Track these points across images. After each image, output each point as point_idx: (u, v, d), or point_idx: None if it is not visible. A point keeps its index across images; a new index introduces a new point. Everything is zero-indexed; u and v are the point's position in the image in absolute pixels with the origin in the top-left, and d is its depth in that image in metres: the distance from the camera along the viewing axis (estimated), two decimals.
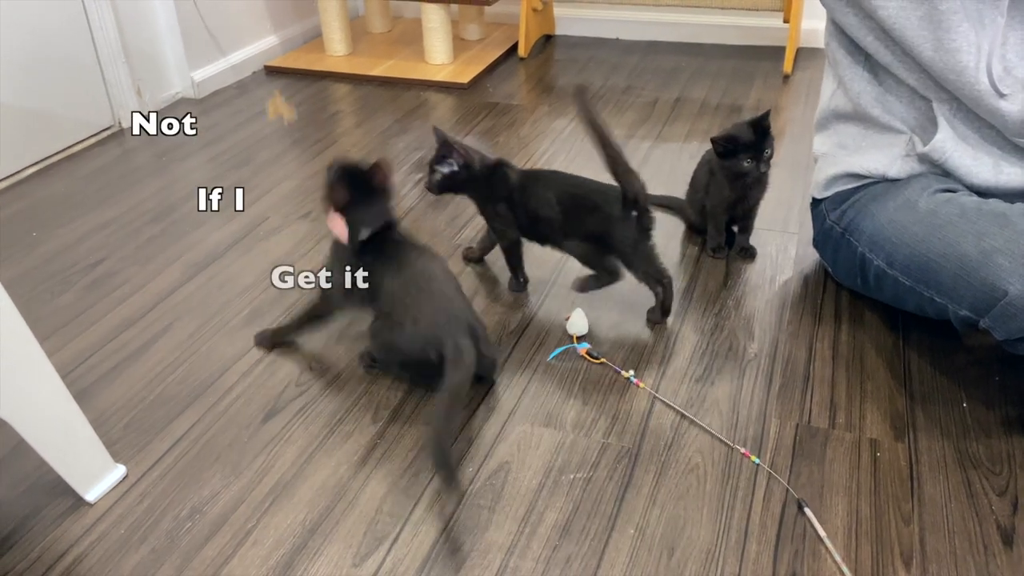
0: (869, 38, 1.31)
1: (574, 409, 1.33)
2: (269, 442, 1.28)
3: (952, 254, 1.19)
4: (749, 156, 1.57)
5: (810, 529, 1.11)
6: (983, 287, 1.13)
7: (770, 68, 2.82)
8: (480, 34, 3.12)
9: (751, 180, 1.60)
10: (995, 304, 1.12)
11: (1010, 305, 1.10)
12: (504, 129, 2.41)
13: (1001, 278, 1.10)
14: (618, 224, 1.44)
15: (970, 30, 1.21)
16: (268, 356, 1.46)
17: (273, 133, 2.41)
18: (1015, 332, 1.15)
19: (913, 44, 1.23)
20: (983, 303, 1.15)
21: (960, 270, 1.17)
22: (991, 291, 1.12)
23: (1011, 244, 1.10)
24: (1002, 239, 1.11)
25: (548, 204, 1.49)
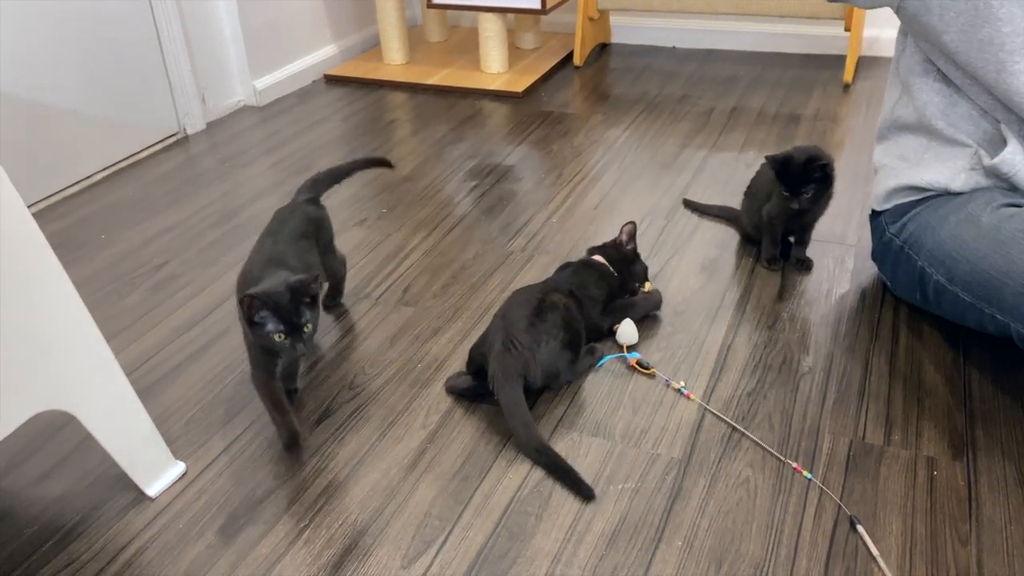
0: (941, 61, 1.29)
1: (623, 419, 1.32)
2: (323, 443, 1.30)
3: (1015, 271, 1.15)
4: (787, 188, 1.57)
5: (862, 547, 1.09)
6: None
7: (830, 77, 2.78)
8: (536, 43, 3.14)
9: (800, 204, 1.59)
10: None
11: None
12: (558, 138, 2.42)
13: None
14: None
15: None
16: (323, 359, 1.49)
17: (331, 141, 2.46)
18: None
19: (976, 67, 1.21)
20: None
21: (1023, 287, 1.14)
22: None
23: None
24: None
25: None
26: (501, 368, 1.27)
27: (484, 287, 1.68)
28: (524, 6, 2.75)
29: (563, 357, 1.34)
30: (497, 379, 1.27)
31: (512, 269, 1.75)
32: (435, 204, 2.05)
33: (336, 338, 1.55)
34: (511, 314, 1.34)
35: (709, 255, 1.78)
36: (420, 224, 1.95)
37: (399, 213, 2.01)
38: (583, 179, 2.15)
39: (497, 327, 1.34)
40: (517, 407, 1.26)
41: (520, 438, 1.25)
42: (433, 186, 2.15)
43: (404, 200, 2.08)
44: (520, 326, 1.31)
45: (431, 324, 1.57)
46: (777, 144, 2.30)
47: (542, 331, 1.31)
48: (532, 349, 1.29)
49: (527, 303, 1.35)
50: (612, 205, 2.01)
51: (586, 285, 1.46)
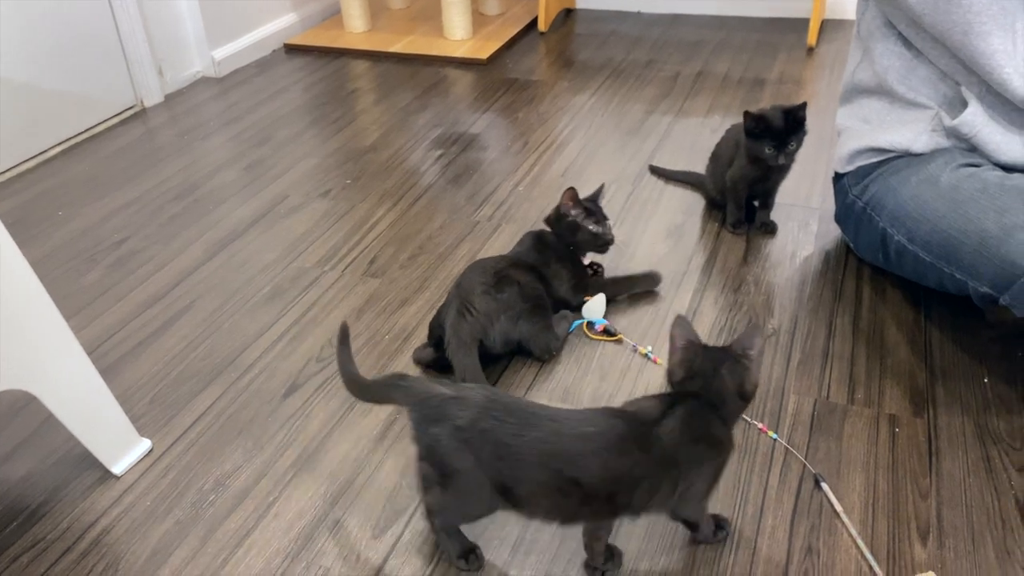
0: (902, 24, 1.29)
1: (591, 385, 1.33)
2: (290, 417, 1.30)
3: (973, 230, 1.17)
4: (773, 144, 1.56)
5: (827, 504, 1.11)
6: (1003, 264, 1.12)
7: (794, 41, 2.78)
8: (500, 9, 3.10)
9: (772, 165, 1.59)
10: (1015, 280, 1.11)
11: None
12: (524, 105, 2.40)
13: (1022, 255, 1.08)
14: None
15: (1000, 13, 1.19)
16: (289, 332, 1.48)
17: (293, 112, 2.42)
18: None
19: (943, 29, 1.21)
20: (1003, 280, 1.14)
21: (981, 246, 1.16)
22: (1011, 268, 1.10)
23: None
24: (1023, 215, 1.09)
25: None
26: (455, 334, 1.28)
27: (451, 257, 1.67)
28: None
29: (527, 326, 1.33)
30: (451, 345, 1.27)
31: (479, 238, 1.74)
32: (400, 174, 2.03)
33: (302, 310, 1.53)
34: (466, 282, 1.34)
35: (675, 220, 1.78)
36: (386, 194, 1.93)
37: (364, 183, 1.99)
38: (549, 146, 2.14)
39: (452, 295, 1.34)
40: (470, 371, 1.26)
41: None
42: (398, 156, 2.12)
43: (369, 170, 2.05)
44: (476, 291, 1.32)
45: (398, 295, 1.56)
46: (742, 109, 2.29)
47: (500, 301, 1.31)
48: (488, 315, 1.30)
49: (483, 272, 1.35)
50: (579, 172, 2.00)
51: (546, 260, 1.45)
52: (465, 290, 1.33)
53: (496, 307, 1.31)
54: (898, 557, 1.03)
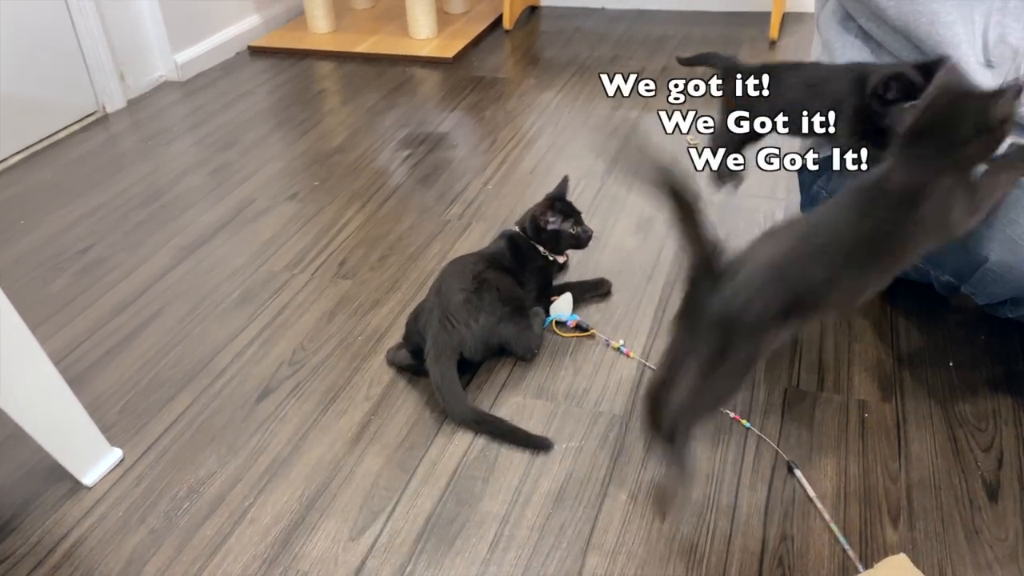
0: (862, 17, 1.30)
1: (565, 381, 1.34)
2: (264, 421, 1.29)
3: None
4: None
5: (800, 490, 1.12)
6: (963, 253, 1.14)
7: (757, 34, 2.81)
8: (464, 7, 3.10)
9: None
10: (975, 270, 1.13)
11: (989, 271, 1.11)
12: (491, 103, 2.40)
13: (981, 244, 1.10)
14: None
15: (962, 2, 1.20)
16: (260, 337, 1.47)
17: (259, 114, 2.40)
18: (995, 297, 1.16)
19: (908, 19, 1.22)
20: (964, 269, 1.16)
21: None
22: (972, 258, 1.12)
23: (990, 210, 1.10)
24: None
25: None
26: (434, 346, 1.27)
27: (422, 257, 1.67)
28: None
29: (510, 328, 1.33)
30: (430, 356, 1.27)
31: (450, 238, 1.74)
32: (369, 175, 2.02)
33: (273, 314, 1.52)
34: (446, 288, 1.33)
35: (644, 214, 1.79)
36: (354, 195, 1.92)
37: (332, 185, 1.98)
38: (517, 144, 2.15)
39: (433, 303, 1.33)
40: (448, 384, 1.25)
41: (455, 415, 1.24)
42: (366, 156, 2.12)
43: (336, 172, 2.04)
44: (457, 300, 1.30)
45: (369, 296, 1.56)
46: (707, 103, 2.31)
47: (480, 307, 1.31)
48: (469, 325, 1.29)
49: (462, 276, 1.34)
50: (547, 169, 2.01)
51: (521, 264, 1.44)
52: (446, 297, 1.32)
53: (477, 317, 1.30)
54: (870, 540, 1.05)
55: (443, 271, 1.39)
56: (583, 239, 1.48)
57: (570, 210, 1.48)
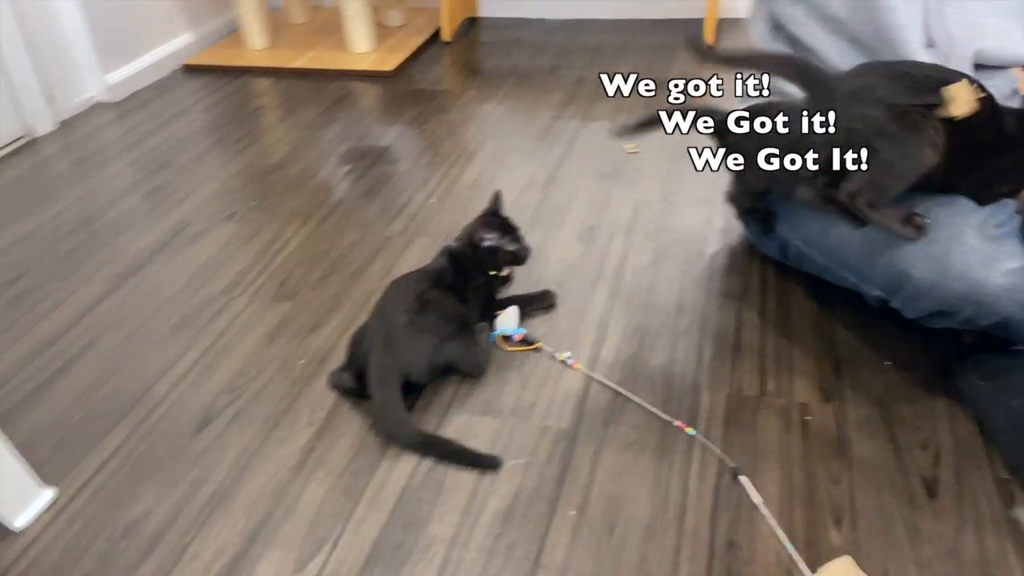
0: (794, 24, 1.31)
1: (512, 396, 1.33)
2: (203, 452, 1.25)
3: (857, 235, 1.21)
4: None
5: (745, 497, 1.13)
6: (890, 270, 1.16)
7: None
8: (402, 20, 3.08)
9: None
10: (902, 287, 1.16)
11: (915, 288, 1.14)
12: (432, 115, 2.39)
13: (905, 262, 1.13)
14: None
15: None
16: (198, 364, 1.43)
17: (194, 134, 2.35)
18: (923, 311, 1.18)
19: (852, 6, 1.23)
20: (891, 285, 1.18)
21: (869, 254, 1.20)
22: (897, 275, 1.15)
23: None
24: None
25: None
26: (378, 370, 1.25)
27: (365, 274, 1.65)
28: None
29: (456, 348, 1.32)
30: (373, 380, 1.25)
31: (393, 253, 1.72)
32: (309, 191, 1.99)
33: (211, 340, 1.49)
34: (389, 309, 1.31)
35: (587, 224, 1.80)
36: (294, 213, 1.89)
37: (271, 204, 1.95)
38: (459, 156, 2.14)
39: (375, 325, 1.31)
40: (392, 408, 1.23)
41: (400, 440, 1.23)
42: (306, 173, 2.09)
43: (275, 189, 2.01)
44: (400, 321, 1.28)
45: (311, 317, 1.53)
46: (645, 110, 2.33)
47: (424, 328, 1.29)
48: (413, 347, 1.27)
49: (405, 296, 1.32)
50: (490, 180, 2.00)
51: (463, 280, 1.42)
52: (388, 319, 1.30)
53: (422, 339, 1.28)
54: (815, 544, 1.06)
55: (385, 292, 1.37)
56: (521, 256, 1.47)
57: (507, 226, 1.47)
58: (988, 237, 1.08)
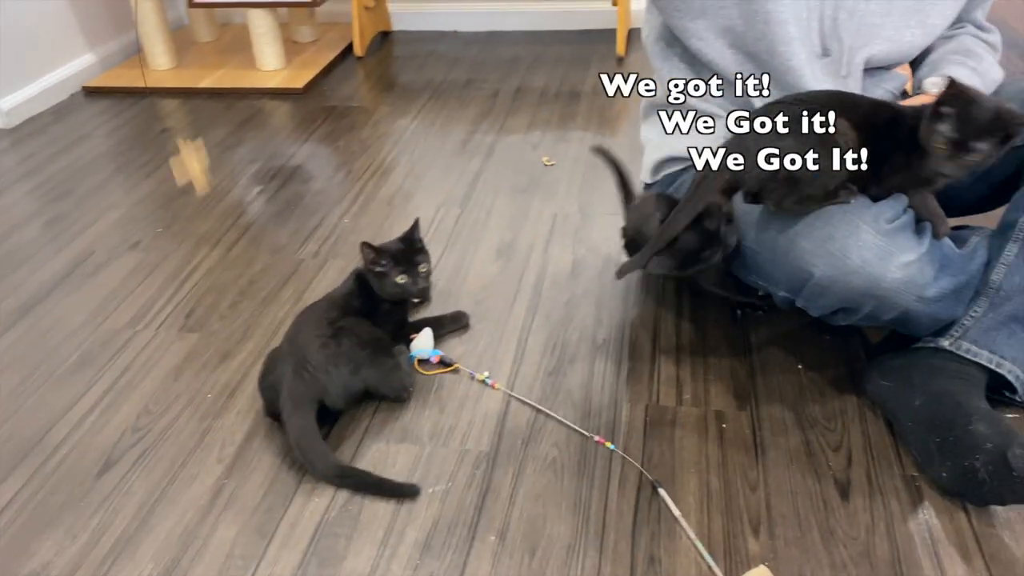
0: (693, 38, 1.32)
1: (430, 420, 1.31)
2: (106, 497, 1.19)
3: (763, 239, 1.23)
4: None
5: (665, 509, 1.13)
6: (792, 270, 1.18)
7: (605, 51, 2.87)
8: (313, 36, 3.03)
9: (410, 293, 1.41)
10: (805, 285, 1.18)
11: (817, 285, 1.16)
12: (345, 133, 2.35)
13: (806, 260, 1.15)
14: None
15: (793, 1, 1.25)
16: (101, 403, 1.37)
17: (96, 159, 2.26)
18: (826, 308, 1.21)
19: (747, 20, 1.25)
20: (794, 284, 1.20)
21: (772, 255, 1.22)
22: (799, 273, 1.17)
23: (811, 227, 1.14)
24: (803, 223, 1.15)
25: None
26: (291, 398, 1.21)
27: (276, 301, 1.60)
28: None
29: (374, 372, 1.28)
30: (286, 409, 1.21)
31: (305, 277, 1.68)
32: (217, 215, 1.93)
33: (114, 377, 1.42)
34: (301, 337, 1.28)
35: (505, 239, 1.79)
36: (202, 239, 1.83)
37: (178, 229, 1.88)
38: (374, 173, 2.11)
39: (286, 352, 1.27)
40: (307, 438, 1.19)
41: (317, 470, 1.19)
42: (214, 196, 2.02)
43: (183, 215, 1.94)
44: (313, 347, 1.25)
45: (219, 348, 1.48)
46: (561, 122, 2.35)
47: (339, 354, 1.25)
48: (328, 371, 1.24)
49: (317, 324, 1.29)
50: (406, 198, 1.98)
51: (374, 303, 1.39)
52: (300, 346, 1.26)
53: (337, 364, 1.25)
54: (734, 553, 1.07)
55: (296, 320, 1.33)
56: (410, 291, 1.39)
57: (405, 258, 1.38)
58: (883, 232, 1.11)
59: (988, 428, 1.10)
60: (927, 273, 1.12)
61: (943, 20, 1.31)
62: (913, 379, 1.22)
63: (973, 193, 1.40)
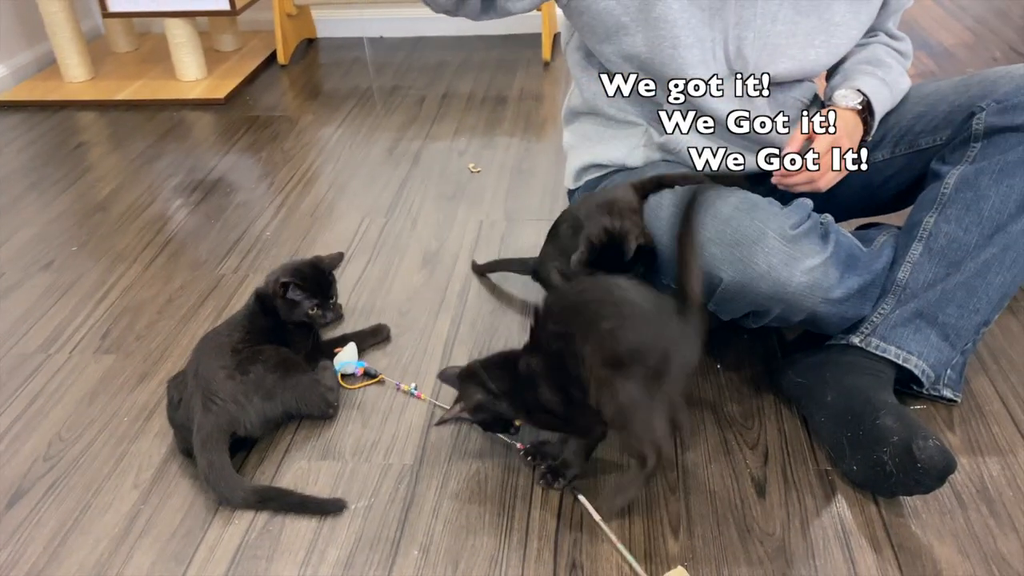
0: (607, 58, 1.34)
1: (352, 435, 1.29)
2: (16, 530, 1.15)
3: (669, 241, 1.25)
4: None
5: (586, 515, 1.14)
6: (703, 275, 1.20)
7: (531, 56, 2.89)
8: (235, 44, 2.98)
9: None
10: (715, 290, 1.20)
11: (726, 290, 1.18)
12: (267, 143, 2.32)
13: (715, 266, 1.17)
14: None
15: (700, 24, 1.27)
16: (10, 432, 1.32)
17: (7, 177, 2.18)
18: (736, 312, 1.23)
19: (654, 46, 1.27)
20: (706, 289, 1.23)
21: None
22: (709, 279, 1.19)
23: (720, 234, 1.17)
24: (712, 229, 1.18)
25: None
26: (199, 432, 1.18)
27: (195, 318, 1.57)
28: (211, 8, 2.59)
29: (290, 394, 1.26)
30: (196, 443, 1.18)
31: (225, 293, 1.65)
32: (135, 232, 1.88)
33: (24, 404, 1.38)
34: (203, 369, 1.24)
35: (430, 248, 1.79)
36: (118, 257, 1.79)
37: (93, 247, 1.83)
38: (297, 184, 2.08)
39: (192, 388, 1.23)
40: (217, 472, 1.16)
41: (233, 502, 1.16)
42: (131, 211, 1.97)
43: (98, 232, 1.89)
44: (218, 378, 1.22)
45: (136, 369, 1.44)
46: (488, 128, 2.35)
47: (247, 383, 1.23)
48: (238, 401, 1.21)
49: (219, 353, 1.26)
50: (330, 209, 1.96)
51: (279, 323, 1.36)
52: (205, 379, 1.23)
53: (245, 392, 1.22)
54: (654, 554, 1.08)
55: (195, 351, 1.29)
56: (317, 322, 1.40)
57: (318, 289, 1.38)
58: (787, 238, 1.14)
59: (895, 422, 1.13)
60: (832, 276, 1.16)
61: (848, 41, 1.35)
62: (825, 376, 1.26)
63: (883, 195, 1.45)
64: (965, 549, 1.08)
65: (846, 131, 1.28)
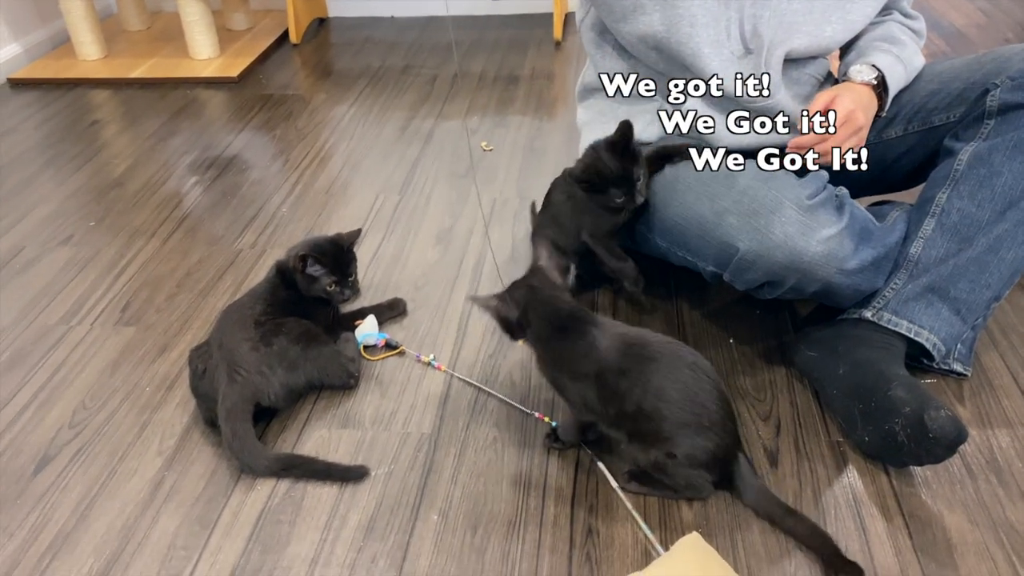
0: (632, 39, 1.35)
1: (372, 405, 1.32)
2: (43, 494, 1.18)
3: (692, 216, 1.27)
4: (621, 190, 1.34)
5: (604, 482, 1.16)
6: (720, 245, 1.22)
7: (543, 35, 2.89)
8: (248, 23, 2.99)
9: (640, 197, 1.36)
10: (731, 260, 1.22)
11: (743, 260, 1.20)
12: (281, 121, 2.33)
13: (732, 236, 1.19)
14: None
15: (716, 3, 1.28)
16: (35, 400, 1.35)
17: (24, 154, 2.20)
18: (752, 283, 1.25)
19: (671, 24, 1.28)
20: (722, 259, 1.24)
21: (700, 231, 1.26)
22: (726, 248, 1.21)
23: (737, 204, 1.18)
24: (730, 199, 1.19)
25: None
26: (224, 402, 1.20)
27: (213, 292, 1.59)
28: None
29: (312, 365, 1.28)
30: (221, 413, 1.20)
31: (243, 268, 1.67)
32: (152, 207, 1.90)
33: (48, 374, 1.40)
34: (228, 340, 1.26)
35: (444, 224, 1.80)
36: (136, 232, 1.81)
37: (111, 223, 1.85)
38: (311, 162, 2.10)
39: (216, 360, 1.25)
40: (241, 441, 1.18)
41: (256, 470, 1.18)
42: (148, 188, 1.99)
43: (115, 208, 1.91)
44: (242, 350, 1.24)
45: (157, 341, 1.46)
46: (499, 107, 2.36)
47: (271, 355, 1.25)
48: (262, 372, 1.23)
49: (243, 325, 1.27)
50: (344, 186, 1.98)
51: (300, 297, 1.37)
52: (229, 350, 1.25)
53: (269, 363, 1.24)
54: (668, 521, 1.11)
55: (218, 323, 1.31)
56: (336, 298, 1.39)
57: (337, 266, 1.37)
58: (804, 208, 1.16)
59: (906, 393, 1.15)
60: (847, 246, 1.17)
61: (863, 18, 1.36)
62: (838, 349, 1.27)
63: (896, 172, 1.46)
64: (974, 518, 1.09)
65: (860, 105, 1.29)
